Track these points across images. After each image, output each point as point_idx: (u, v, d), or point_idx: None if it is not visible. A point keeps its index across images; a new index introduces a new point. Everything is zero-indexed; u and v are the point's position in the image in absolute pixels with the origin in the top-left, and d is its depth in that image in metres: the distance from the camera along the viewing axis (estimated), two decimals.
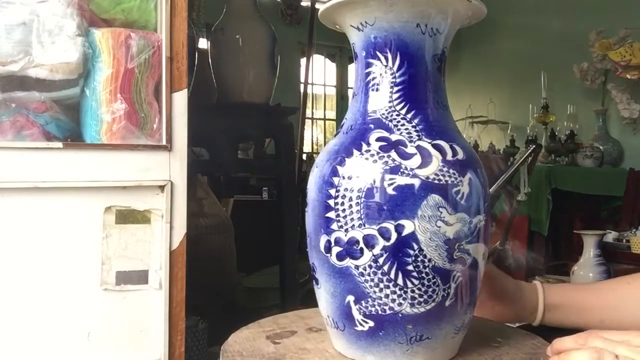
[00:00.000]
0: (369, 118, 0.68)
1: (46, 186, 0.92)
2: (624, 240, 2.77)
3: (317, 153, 5.70)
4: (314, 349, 0.72)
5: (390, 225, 0.62)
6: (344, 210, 0.64)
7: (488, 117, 4.50)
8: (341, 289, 0.66)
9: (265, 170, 2.64)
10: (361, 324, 0.66)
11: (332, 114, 6.06)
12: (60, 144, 0.93)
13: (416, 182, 0.62)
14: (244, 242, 2.27)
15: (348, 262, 0.65)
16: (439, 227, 0.62)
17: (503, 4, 4.07)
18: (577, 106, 3.70)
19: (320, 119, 6.05)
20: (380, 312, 0.64)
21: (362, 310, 0.65)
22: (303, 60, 3.70)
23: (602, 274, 2.46)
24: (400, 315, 0.64)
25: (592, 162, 3.45)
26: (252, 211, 3.09)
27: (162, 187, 0.99)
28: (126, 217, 0.98)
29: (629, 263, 2.61)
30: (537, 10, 4.20)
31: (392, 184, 0.63)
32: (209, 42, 2.02)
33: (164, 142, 1.00)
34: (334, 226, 0.65)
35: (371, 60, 0.69)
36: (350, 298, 0.66)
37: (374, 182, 0.63)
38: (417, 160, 0.63)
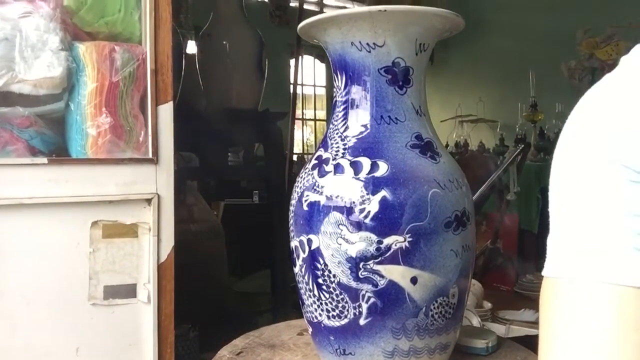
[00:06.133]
0: (325, 136, 0.71)
1: (32, 202, 0.91)
2: None
3: (308, 154, 5.70)
4: None
5: (304, 239, 0.66)
6: (289, 221, 0.70)
7: (477, 115, 4.53)
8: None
9: (255, 174, 2.63)
10: (309, 328, 0.71)
11: (322, 113, 6.06)
12: (45, 160, 0.93)
13: (322, 199, 0.65)
14: (235, 246, 2.27)
15: (295, 268, 0.71)
16: (340, 244, 0.62)
17: (491, 3, 4.09)
18: (565, 104, 3.71)
19: (310, 119, 6.05)
20: (311, 319, 0.68)
21: (305, 315, 0.70)
22: (293, 61, 3.69)
23: None
24: (322, 325, 0.67)
25: None
26: (243, 215, 3.08)
27: (149, 201, 0.99)
28: (113, 231, 0.97)
29: None
30: (525, 9, 4.22)
31: (306, 200, 0.66)
32: (197, 48, 2.02)
33: (150, 155, 0.99)
34: (291, 235, 0.70)
35: (334, 82, 0.72)
36: (300, 302, 0.71)
37: (299, 197, 0.68)
38: (328, 177, 0.65)
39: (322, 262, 0.64)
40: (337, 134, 0.68)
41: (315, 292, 0.65)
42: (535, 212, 3.16)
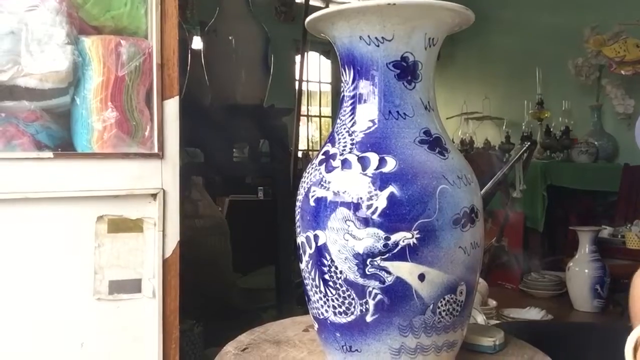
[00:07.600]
0: (332, 132, 0.70)
1: (37, 197, 0.91)
2: (619, 236, 2.78)
3: (313, 150, 5.69)
4: None
5: (311, 234, 0.65)
6: (296, 216, 0.69)
7: (483, 113, 4.50)
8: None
9: (260, 170, 2.63)
10: (314, 324, 0.70)
11: (327, 110, 6.05)
12: (50, 154, 0.93)
13: (329, 195, 0.64)
14: (240, 242, 2.27)
15: (301, 264, 0.70)
16: (347, 240, 0.62)
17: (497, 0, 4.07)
18: (572, 102, 3.70)
19: (315, 116, 6.04)
20: (317, 316, 0.68)
21: (311, 311, 0.70)
22: (298, 57, 3.68)
23: (597, 269, 2.47)
24: (329, 321, 0.66)
25: (587, 158, 3.45)
26: (248, 211, 3.09)
27: (154, 196, 0.98)
28: (118, 226, 0.97)
29: (624, 258, 2.62)
30: (532, 6, 4.19)
31: (313, 195, 0.65)
32: (202, 43, 2.01)
33: (155, 150, 0.99)
34: (297, 230, 0.70)
35: (342, 77, 0.71)
36: (306, 298, 0.70)
37: (306, 193, 0.67)
38: (336, 173, 0.65)
39: (328, 258, 0.63)
40: (344, 129, 0.68)
41: (322, 288, 0.65)
42: (541, 210, 3.15)
